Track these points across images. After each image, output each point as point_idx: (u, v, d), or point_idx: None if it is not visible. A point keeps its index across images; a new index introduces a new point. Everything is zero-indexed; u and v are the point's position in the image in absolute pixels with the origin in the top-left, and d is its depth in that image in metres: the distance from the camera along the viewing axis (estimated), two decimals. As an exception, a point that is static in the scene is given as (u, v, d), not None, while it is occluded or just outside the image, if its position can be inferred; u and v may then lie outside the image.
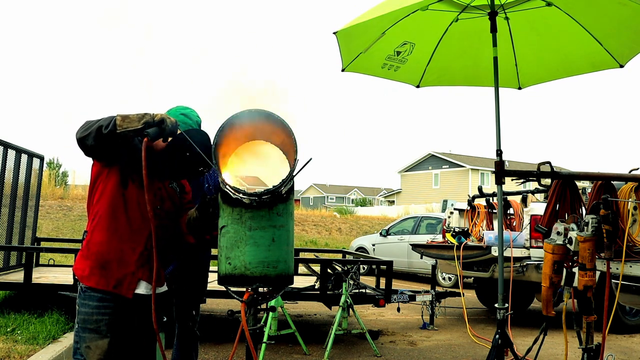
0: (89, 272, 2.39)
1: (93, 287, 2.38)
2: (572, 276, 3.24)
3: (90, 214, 2.49)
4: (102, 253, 2.40)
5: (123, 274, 2.42)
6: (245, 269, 2.31)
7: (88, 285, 2.38)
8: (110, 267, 2.40)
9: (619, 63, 4.38)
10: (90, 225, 2.46)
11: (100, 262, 2.40)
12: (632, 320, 6.87)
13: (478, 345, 6.04)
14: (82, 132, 2.29)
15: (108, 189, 2.43)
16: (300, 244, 19.11)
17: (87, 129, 2.28)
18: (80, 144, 2.32)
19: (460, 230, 7.45)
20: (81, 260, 2.45)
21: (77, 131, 2.32)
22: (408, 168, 46.68)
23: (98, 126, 2.25)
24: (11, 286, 5.98)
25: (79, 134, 2.30)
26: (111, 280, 2.39)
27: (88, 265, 2.40)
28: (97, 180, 2.46)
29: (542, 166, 3.65)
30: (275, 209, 2.33)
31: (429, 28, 4.55)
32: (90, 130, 2.26)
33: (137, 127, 2.30)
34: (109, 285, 2.38)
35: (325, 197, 64.12)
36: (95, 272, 2.38)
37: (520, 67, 4.80)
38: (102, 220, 2.41)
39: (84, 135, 2.28)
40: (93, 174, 2.49)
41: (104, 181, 2.44)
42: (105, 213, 2.41)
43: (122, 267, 2.42)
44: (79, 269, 2.43)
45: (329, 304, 6.08)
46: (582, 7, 4.17)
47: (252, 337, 2.36)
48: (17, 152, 6.83)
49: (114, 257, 2.41)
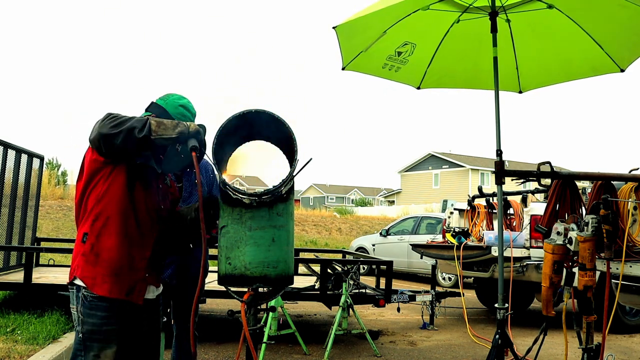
0: (100, 280, 2.24)
1: (103, 296, 2.24)
2: (572, 276, 3.24)
3: (88, 213, 2.30)
4: (114, 260, 2.27)
5: (135, 280, 2.32)
6: (245, 269, 2.31)
7: (99, 294, 2.23)
8: (123, 273, 2.28)
9: (620, 67, 4.38)
10: (92, 226, 2.28)
11: (113, 269, 2.26)
12: (632, 320, 6.87)
13: (478, 345, 6.04)
14: (110, 129, 2.10)
15: (114, 189, 2.28)
16: (300, 244, 19.11)
17: (116, 126, 2.10)
18: (104, 140, 2.12)
19: (460, 230, 7.45)
20: (87, 267, 2.26)
21: (102, 125, 2.12)
22: (408, 168, 46.67)
23: (130, 127, 2.10)
24: (11, 286, 5.98)
25: (105, 129, 2.10)
26: (124, 288, 2.28)
27: (99, 273, 2.25)
28: (97, 177, 2.28)
29: (542, 166, 3.65)
30: (275, 209, 2.33)
31: (430, 29, 4.55)
32: (121, 130, 2.09)
33: (171, 135, 2.18)
34: (122, 293, 2.27)
35: (325, 197, 64.12)
36: (107, 280, 2.24)
37: (521, 71, 4.80)
38: (112, 223, 2.27)
39: (113, 134, 2.10)
40: (90, 168, 2.30)
41: (107, 180, 2.28)
42: (116, 216, 2.27)
43: (134, 273, 2.32)
44: (87, 277, 2.25)
45: (329, 304, 6.08)
46: (583, 9, 4.16)
47: (252, 337, 2.36)
48: (17, 152, 6.83)
49: (126, 263, 2.29)
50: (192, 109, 2.69)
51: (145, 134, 2.11)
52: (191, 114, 2.66)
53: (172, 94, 2.67)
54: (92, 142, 2.21)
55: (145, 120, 2.15)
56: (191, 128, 2.25)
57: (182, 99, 2.67)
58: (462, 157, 43.61)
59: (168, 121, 2.24)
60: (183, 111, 2.61)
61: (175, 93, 2.69)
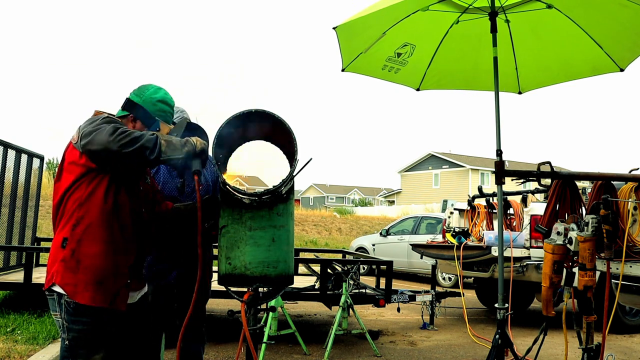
0: (82, 288, 2.18)
1: (86, 305, 2.19)
2: (572, 276, 3.24)
3: (68, 217, 2.23)
4: (98, 267, 2.21)
5: (118, 287, 2.27)
6: (245, 269, 2.32)
7: (81, 302, 2.18)
8: (107, 281, 2.23)
9: (620, 67, 4.38)
10: (72, 231, 2.21)
11: (96, 277, 2.20)
12: (632, 320, 6.87)
13: (478, 345, 6.04)
14: (121, 147, 2.09)
15: (98, 194, 2.23)
16: (300, 244, 19.11)
17: (127, 145, 2.09)
18: (112, 157, 2.12)
19: (460, 230, 7.45)
20: (67, 274, 2.19)
21: (112, 142, 2.09)
22: (408, 168, 46.67)
23: (141, 148, 2.10)
24: (11, 286, 5.98)
25: (115, 146, 2.09)
26: (107, 296, 2.23)
27: (81, 281, 2.18)
28: (79, 180, 2.22)
29: (542, 166, 3.65)
30: (275, 209, 2.34)
31: (429, 30, 4.54)
32: (133, 150, 2.10)
33: (179, 156, 2.20)
34: (106, 302, 2.23)
35: (325, 197, 64.10)
36: (90, 288, 2.19)
37: (521, 71, 4.79)
38: (95, 229, 2.22)
39: (124, 153, 2.09)
40: (73, 171, 2.24)
41: (90, 184, 2.22)
42: (98, 222, 2.22)
43: (118, 280, 2.27)
44: (68, 285, 2.18)
45: (329, 304, 6.08)
46: (582, 9, 4.16)
47: (252, 337, 2.36)
48: (17, 152, 6.83)
49: (110, 271, 2.24)
50: (170, 101, 2.54)
51: (156, 155, 2.14)
52: (170, 107, 2.53)
53: (147, 88, 2.50)
54: (93, 152, 2.16)
55: (155, 140, 2.14)
56: (198, 147, 2.27)
57: (158, 91, 2.50)
58: (462, 157, 43.60)
59: (176, 140, 2.24)
60: (162, 107, 2.48)
61: (149, 85, 2.53)
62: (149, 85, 2.52)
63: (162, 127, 2.46)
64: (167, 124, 2.50)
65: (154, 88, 2.50)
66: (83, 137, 2.18)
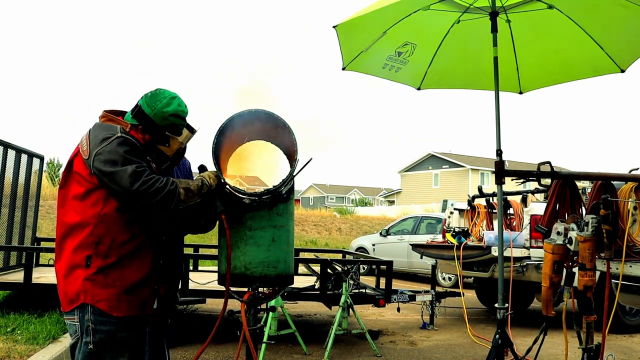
0: (116, 302, 2.24)
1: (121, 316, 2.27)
2: (572, 276, 3.24)
3: (84, 233, 2.24)
4: (128, 279, 2.28)
5: (147, 295, 2.36)
6: (245, 268, 2.32)
7: (117, 315, 2.24)
8: (138, 291, 2.32)
9: (620, 68, 4.38)
10: (95, 249, 2.23)
11: (128, 288, 2.28)
12: (632, 320, 6.87)
13: (478, 345, 6.04)
14: (142, 196, 2.16)
15: (113, 208, 2.25)
16: (300, 244, 19.10)
17: (148, 196, 2.16)
18: (131, 197, 2.18)
19: (460, 230, 7.45)
20: (97, 290, 2.23)
21: (132, 189, 2.14)
22: (408, 168, 46.67)
23: (161, 200, 2.17)
24: (11, 286, 5.98)
25: (134, 194, 2.15)
26: (139, 304, 2.33)
27: (113, 294, 2.24)
28: (92, 194, 2.24)
29: (542, 166, 3.65)
30: (275, 209, 2.34)
31: (430, 29, 4.55)
32: (156, 200, 2.17)
33: (197, 201, 2.29)
34: (139, 309, 2.32)
35: (325, 197, 64.10)
36: (123, 298, 2.26)
37: (522, 71, 4.79)
38: (118, 243, 2.26)
39: (144, 202, 2.18)
40: (83, 184, 2.25)
41: (104, 198, 2.24)
42: (120, 235, 2.26)
43: (147, 288, 2.36)
44: (102, 302, 2.22)
45: (329, 304, 6.08)
46: (583, 9, 4.16)
47: (252, 337, 2.36)
48: (17, 152, 6.83)
49: (139, 280, 2.32)
50: (182, 113, 2.44)
51: (174, 207, 2.22)
52: (182, 119, 2.44)
53: (159, 98, 2.40)
54: (110, 188, 2.19)
55: (175, 192, 2.21)
56: (212, 185, 2.33)
57: (170, 103, 2.40)
58: (462, 157, 43.60)
59: (194, 186, 2.29)
60: (174, 120, 2.41)
61: (162, 93, 2.42)
62: (161, 94, 2.42)
63: (172, 142, 2.46)
64: (176, 138, 2.48)
65: (166, 99, 2.40)
66: (98, 165, 2.18)
